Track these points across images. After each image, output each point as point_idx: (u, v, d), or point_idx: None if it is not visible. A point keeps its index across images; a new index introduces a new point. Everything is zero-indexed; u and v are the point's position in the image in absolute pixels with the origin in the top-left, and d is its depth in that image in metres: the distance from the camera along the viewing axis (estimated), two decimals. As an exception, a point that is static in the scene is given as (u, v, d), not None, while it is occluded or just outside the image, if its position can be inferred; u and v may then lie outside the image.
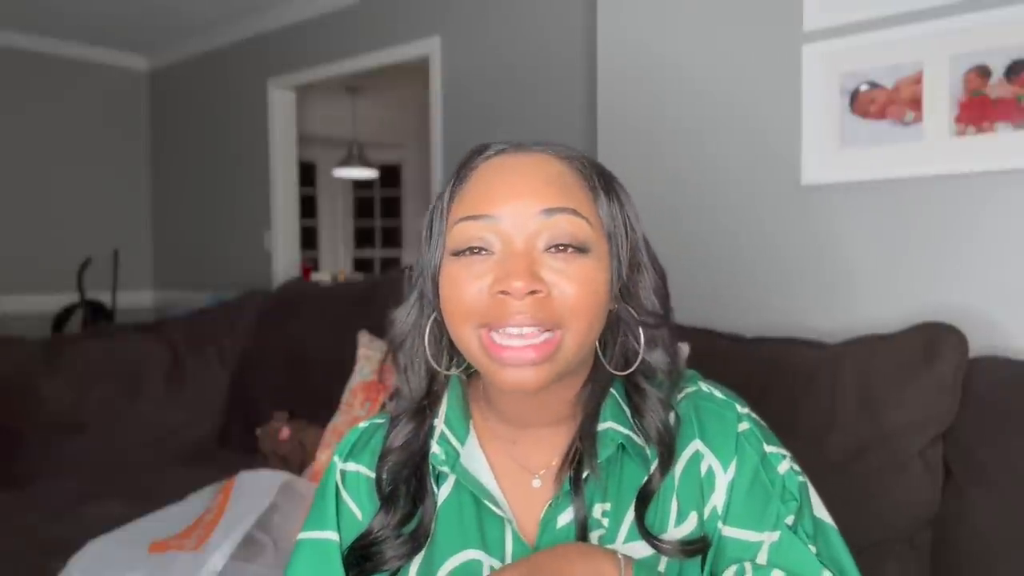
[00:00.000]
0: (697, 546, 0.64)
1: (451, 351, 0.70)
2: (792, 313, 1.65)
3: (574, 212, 0.61)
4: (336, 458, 0.73)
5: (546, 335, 0.59)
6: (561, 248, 0.60)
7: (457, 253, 0.62)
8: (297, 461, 2.05)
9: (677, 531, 0.65)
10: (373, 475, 0.70)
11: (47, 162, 4.05)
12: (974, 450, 1.21)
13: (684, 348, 1.47)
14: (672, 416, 0.67)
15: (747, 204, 1.72)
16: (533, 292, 0.58)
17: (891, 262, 1.53)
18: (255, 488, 1.57)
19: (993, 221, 1.42)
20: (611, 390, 0.68)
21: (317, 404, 2.00)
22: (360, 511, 0.70)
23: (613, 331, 0.67)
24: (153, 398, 2.36)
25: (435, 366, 0.69)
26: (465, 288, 0.60)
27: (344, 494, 0.71)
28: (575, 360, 0.62)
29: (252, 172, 3.82)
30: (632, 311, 0.65)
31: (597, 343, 0.65)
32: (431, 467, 0.68)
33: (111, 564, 1.42)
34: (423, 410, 0.70)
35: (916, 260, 1.50)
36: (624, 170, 2.11)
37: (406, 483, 0.67)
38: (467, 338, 0.61)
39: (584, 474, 0.64)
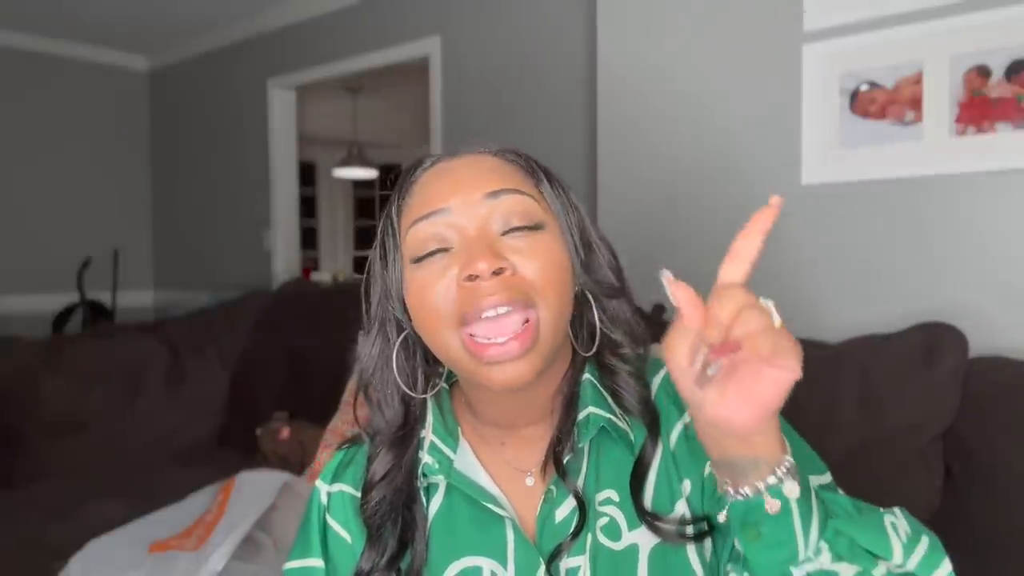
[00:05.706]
0: (699, 526, 0.62)
1: (426, 371, 0.69)
2: (792, 313, 1.65)
3: (519, 191, 0.62)
4: (319, 482, 0.72)
5: (522, 320, 0.58)
6: (516, 229, 0.61)
7: (417, 260, 0.62)
8: (297, 461, 2.05)
9: (682, 505, 0.64)
10: (359, 494, 0.69)
11: (47, 162, 4.05)
12: (974, 450, 1.21)
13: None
14: (648, 388, 0.67)
15: (747, 204, 1.71)
16: (499, 272, 0.58)
17: (891, 262, 1.53)
18: (255, 488, 1.57)
19: (993, 221, 1.42)
20: (588, 376, 0.67)
21: (317, 404, 2.00)
22: (349, 534, 0.70)
23: (579, 314, 0.67)
24: (153, 398, 2.36)
25: (409, 392, 0.68)
26: (434, 287, 0.60)
27: (330, 519, 0.71)
28: (555, 342, 0.62)
29: (252, 172, 3.81)
30: (595, 287, 0.65)
31: (570, 329, 0.65)
32: (421, 477, 0.67)
33: (111, 564, 1.42)
34: (401, 440, 0.68)
35: (916, 260, 1.50)
36: (625, 170, 2.10)
37: (393, 523, 0.66)
38: (448, 343, 0.60)
39: (566, 458, 0.64)
